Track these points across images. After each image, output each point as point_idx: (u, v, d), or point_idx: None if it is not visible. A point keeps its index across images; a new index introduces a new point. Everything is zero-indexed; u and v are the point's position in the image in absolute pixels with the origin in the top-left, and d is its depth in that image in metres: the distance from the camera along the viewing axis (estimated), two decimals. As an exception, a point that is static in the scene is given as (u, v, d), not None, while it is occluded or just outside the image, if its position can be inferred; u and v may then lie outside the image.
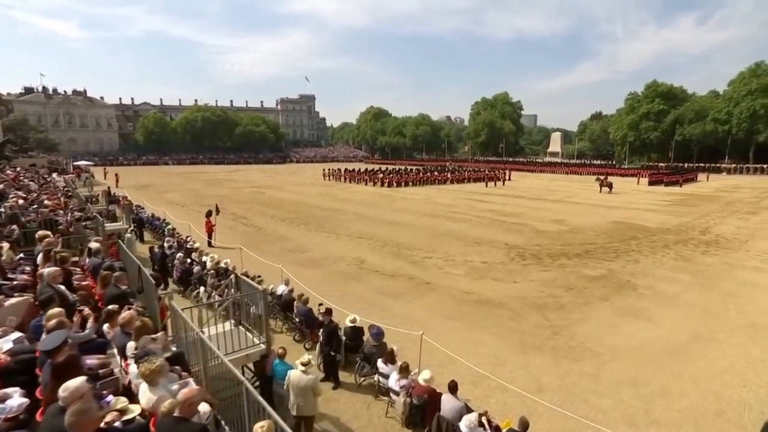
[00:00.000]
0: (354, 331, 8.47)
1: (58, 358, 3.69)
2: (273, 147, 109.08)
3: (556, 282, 13.31)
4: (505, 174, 51.21)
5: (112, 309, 5.20)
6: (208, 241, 17.15)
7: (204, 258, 12.51)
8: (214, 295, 9.70)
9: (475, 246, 17.79)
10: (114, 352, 5.18)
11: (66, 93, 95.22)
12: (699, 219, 24.43)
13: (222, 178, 54.77)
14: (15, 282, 6.89)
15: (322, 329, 8.30)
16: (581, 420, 6.04)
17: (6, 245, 8.53)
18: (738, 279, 13.66)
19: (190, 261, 12.49)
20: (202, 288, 10.96)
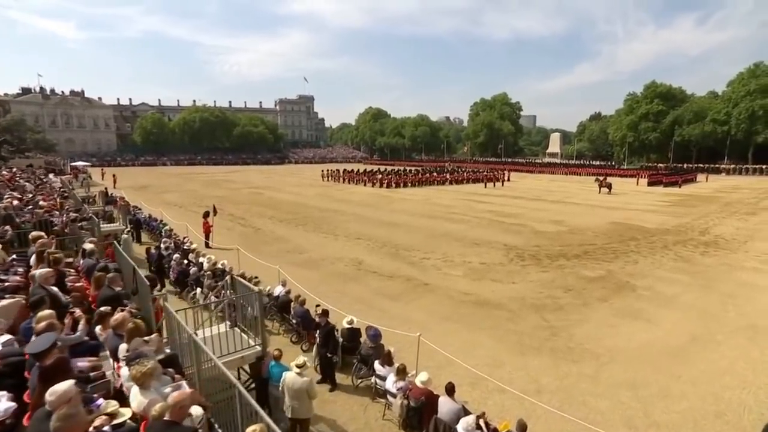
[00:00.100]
0: (351, 333, 8.41)
1: (46, 361, 3.62)
2: (271, 148, 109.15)
3: (554, 283, 13.25)
4: (504, 175, 51.19)
5: (104, 311, 5.13)
6: (205, 242, 17.08)
7: (201, 259, 12.44)
8: (210, 297, 9.63)
9: (474, 247, 17.73)
10: (107, 354, 5.10)
11: (63, 93, 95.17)
12: (698, 220, 24.41)
13: (220, 178, 54.70)
14: (7, 283, 6.82)
15: (318, 331, 8.24)
16: (579, 422, 5.98)
17: (-1, 246, 8.47)
18: (737, 280, 13.62)
19: (186, 262, 12.42)
20: (198, 289, 10.88)
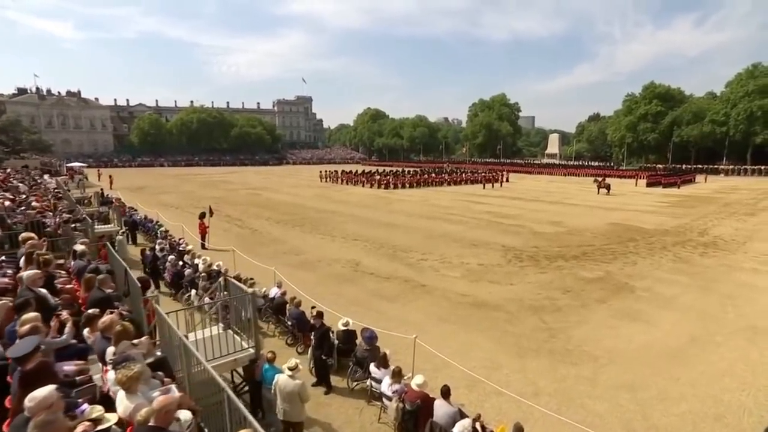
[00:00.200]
0: (346, 335, 8.32)
1: (28, 365, 3.52)
2: (269, 148, 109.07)
3: (553, 284, 13.18)
4: (503, 176, 51.14)
5: (92, 313, 5.02)
6: (201, 244, 16.96)
7: (196, 260, 12.33)
8: (204, 298, 9.52)
9: (472, 248, 17.64)
10: (96, 358, 4.99)
11: (60, 94, 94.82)
12: (697, 220, 24.37)
13: (217, 179, 54.60)
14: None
15: (313, 333, 8.14)
16: (577, 425, 5.89)
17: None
18: (736, 281, 13.56)
19: (182, 263, 12.31)
20: (193, 291, 10.77)
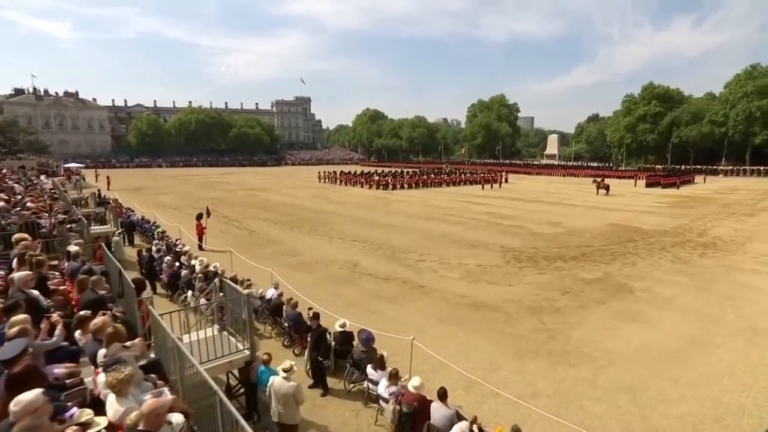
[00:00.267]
0: (343, 336, 8.25)
1: (15, 368, 3.45)
2: (268, 149, 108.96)
3: (552, 285, 13.12)
4: (502, 176, 51.11)
5: (84, 315, 4.95)
6: (198, 245, 16.88)
7: (193, 261, 12.27)
8: (201, 300, 9.46)
9: (471, 249, 17.58)
10: (87, 360, 4.93)
11: (57, 94, 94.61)
12: (696, 221, 24.34)
13: (215, 180, 54.52)
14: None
15: (310, 334, 8.08)
16: (576, 428, 5.82)
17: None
18: (735, 281, 13.51)
19: (178, 264, 12.24)
20: (189, 292, 10.71)
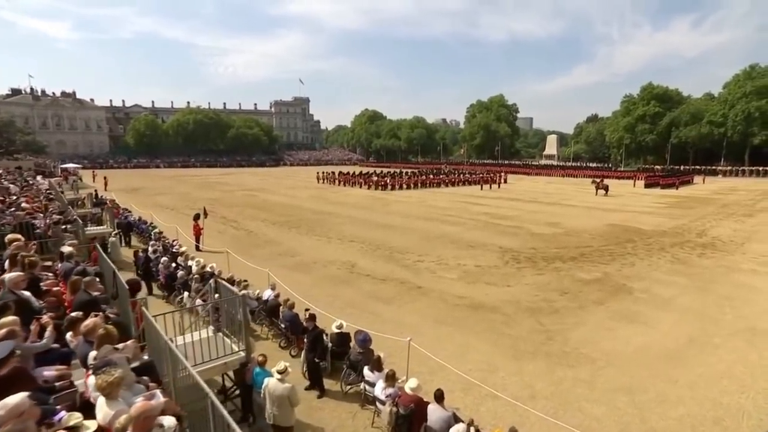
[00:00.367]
0: (340, 338, 8.19)
1: (2, 370, 3.39)
2: (266, 150, 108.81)
3: (550, 286, 13.06)
4: (501, 177, 51.10)
5: (75, 316, 4.88)
6: (195, 245, 16.79)
7: (189, 262, 12.21)
8: (197, 301, 9.38)
9: (469, 249, 17.52)
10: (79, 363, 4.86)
11: (54, 95, 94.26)
12: (695, 221, 24.31)
13: (214, 181, 54.43)
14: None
15: (306, 335, 8.02)
16: (574, 430, 5.76)
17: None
18: (734, 282, 13.47)
19: (175, 265, 12.16)
20: (186, 293, 10.64)
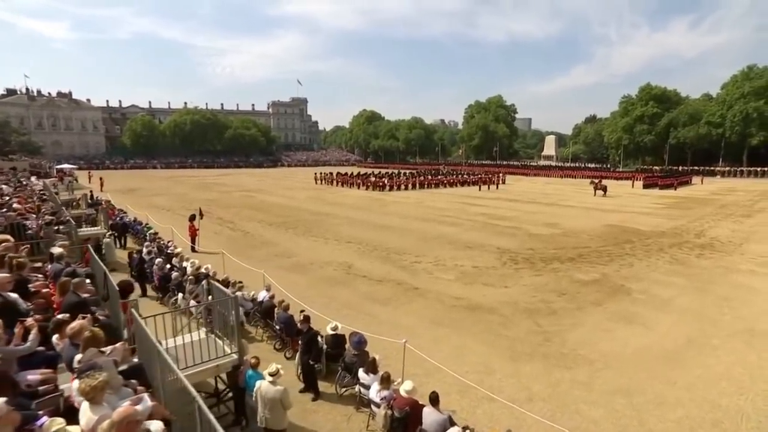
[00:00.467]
0: (335, 339, 8.08)
1: (-20, 375, 3.28)
2: (264, 150, 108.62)
3: (548, 287, 12.98)
4: (499, 177, 51.06)
5: (61, 318, 4.78)
6: (191, 246, 16.69)
7: (184, 263, 12.10)
8: (191, 303, 9.28)
9: (467, 250, 17.43)
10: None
11: (50, 95, 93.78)
12: (694, 222, 24.26)
13: (211, 182, 54.30)
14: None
15: (301, 337, 7.91)
16: (572, 433, 5.69)
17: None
18: (733, 282, 13.40)
19: (169, 267, 12.05)
20: (180, 294, 10.53)
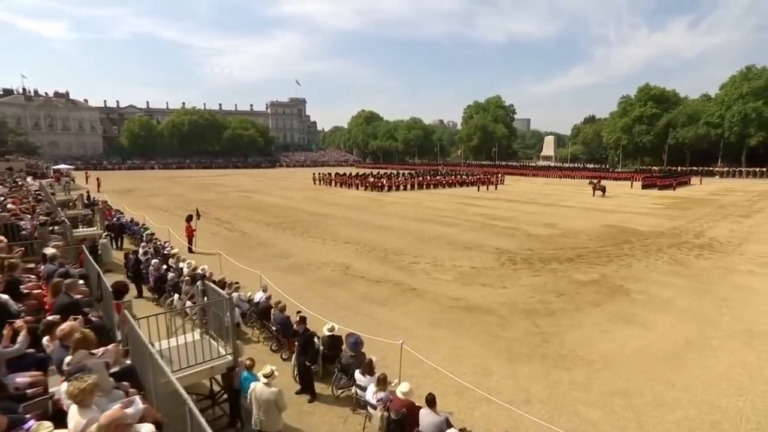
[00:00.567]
0: (332, 340, 8.02)
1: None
2: (262, 151, 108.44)
3: (546, 287, 12.93)
4: (498, 178, 51.03)
5: (51, 320, 4.72)
6: (188, 247, 16.60)
7: (181, 264, 12.03)
8: (187, 304, 9.21)
9: (465, 251, 17.38)
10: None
11: (47, 95, 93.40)
12: (692, 222, 24.23)
13: (209, 182, 54.19)
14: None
15: (297, 338, 7.85)
16: (569, 435, 5.63)
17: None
18: (732, 283, 13.36)
19: (165, 267, 11.97)
20: (176, 295, 10.47)
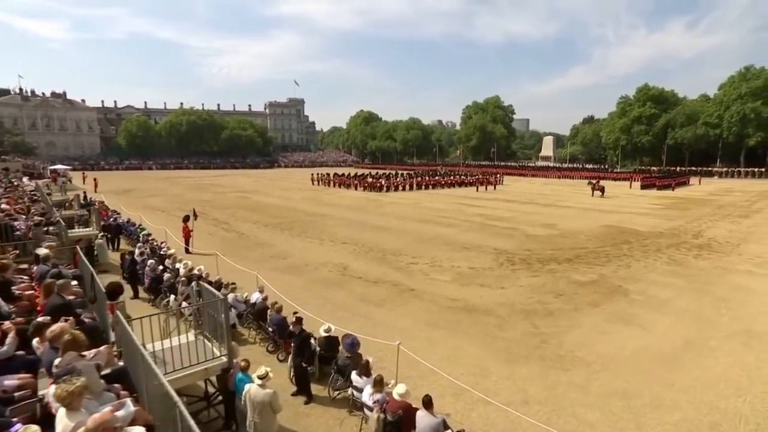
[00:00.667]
0: (328, 342, 7.96)
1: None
2: (261, 151, 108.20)
3: (545, 288, 12.88)
4: (497, 178, 51.00)
5: (41, 321, 4.65)
6: (185, 248, 16.52)
7: (177, 265, 11.96)
8: (183, 304, 9.15)
9: (463, 251, 17.33)
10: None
11: (44, 95, 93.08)
12: (691, 223, 24.21)
13: (207, 182, 54.10)
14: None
15: (293, 339, 7.79)
16: (567, 437, 5.57)
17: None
18: (731, 283, 13.33)
19: (162, 268, 11.90)
20: (172, 296, 10.39)
